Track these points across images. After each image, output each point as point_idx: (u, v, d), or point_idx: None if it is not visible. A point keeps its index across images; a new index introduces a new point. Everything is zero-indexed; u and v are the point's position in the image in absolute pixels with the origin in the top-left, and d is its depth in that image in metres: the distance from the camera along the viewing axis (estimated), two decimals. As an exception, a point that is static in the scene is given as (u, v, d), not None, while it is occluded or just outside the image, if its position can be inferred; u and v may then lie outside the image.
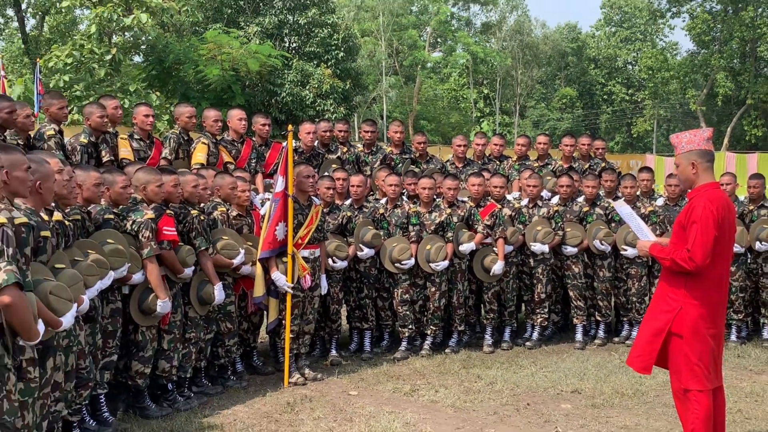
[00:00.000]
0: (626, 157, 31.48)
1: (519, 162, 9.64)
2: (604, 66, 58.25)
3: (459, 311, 8.19)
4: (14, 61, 31.40)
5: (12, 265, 3.46)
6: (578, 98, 56.56)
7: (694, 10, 43.30)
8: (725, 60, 41.83)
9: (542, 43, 53.11)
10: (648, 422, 5.84)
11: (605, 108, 57.60)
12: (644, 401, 6.40)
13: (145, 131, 7.58)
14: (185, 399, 6.28)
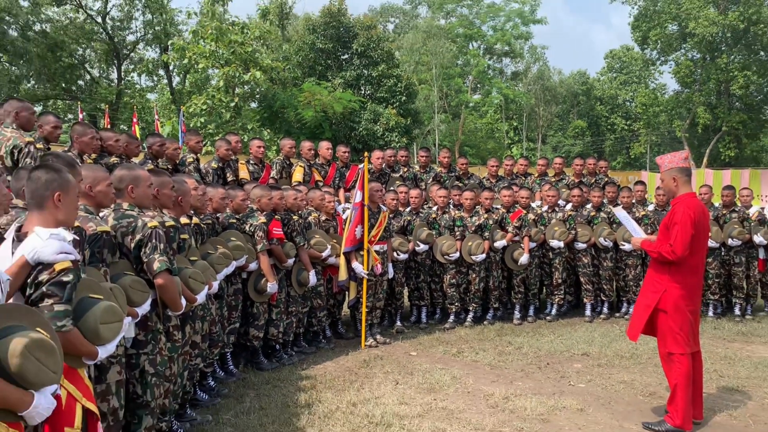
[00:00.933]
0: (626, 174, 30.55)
1: (540, 178, 9.48)
2: (608, 103, 56.71)
3: (494, 292, 8.09)
4: (164, 107, 32.32)
5: (164, 256, 3.58)
6: (587, 128, 55.18)
7: (678, 59, 41.91)
8: (704, 96, 40.30)
9: (559, 86, 52.01)
10: (642, 378, 5.67)
11: (609, 135, 56.07)
12: (639, 362, 6.22)
13: (258, 158, 7.71)
14: (288, 356, 6.35)
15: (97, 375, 3.09)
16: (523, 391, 5.31)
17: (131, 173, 3.63)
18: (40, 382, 1.95)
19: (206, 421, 4.64)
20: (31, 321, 2.05)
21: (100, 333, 2.52)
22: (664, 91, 53.55)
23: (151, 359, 3.62)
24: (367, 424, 4.54)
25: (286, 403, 5.03)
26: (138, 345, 3.55)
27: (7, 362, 1.88)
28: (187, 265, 4.17)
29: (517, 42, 48.30)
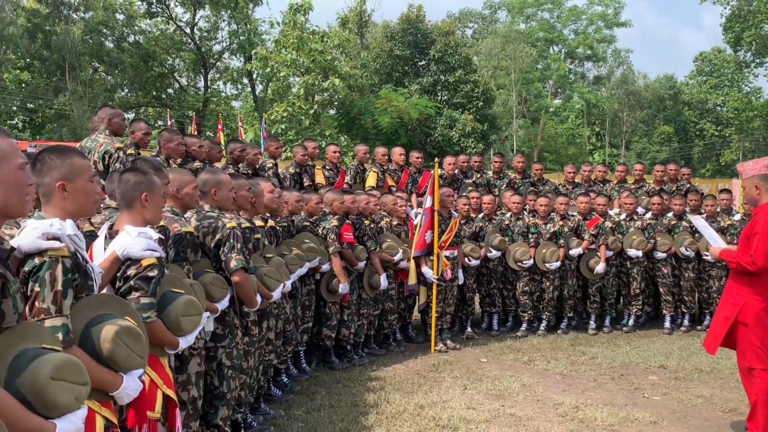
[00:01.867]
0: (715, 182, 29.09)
1: (618, 185, 9.25)
2: (697, 108, 54.30)
3: (569, 301, 7.97)
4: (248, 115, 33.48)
5: (240, 255, 3.78)
6: (674, 134, 52.99)
7: (775, 60, 39.62)
8: (804, 100, 37.93)
9: (644, 90, 50.26)
10: (722, 393, 5.45)
11: (697, 142, 53.66)
12: (719, 377, 5.98)
13: (334, 163, 7.92)
14: (359, 357, 6.49)
15: (179, 366, 3.31)
16: (594, 401, 5.22)
17: (215, 177, 3.86)
18: (128, 366, 2.14)
19: (278, 416, 4.83)
20: (121, 310, 2.25)
21: (181, 325, 2.72)
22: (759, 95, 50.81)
23: (228, 352, 3.83)
24: (433, 426, 4.60)
25: (355, 402, 5.16)
26: (216, 338, 3.76)
27: (100, 347, 2.08)
28: (262, 263, 4.37)
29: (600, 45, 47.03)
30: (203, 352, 3.55)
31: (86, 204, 2.26)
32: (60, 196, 2.17)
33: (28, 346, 1.75)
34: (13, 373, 1.68)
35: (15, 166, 1.81)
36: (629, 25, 46.18)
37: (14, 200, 1.80)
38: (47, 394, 1.67)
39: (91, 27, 30.17)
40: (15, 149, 1.83)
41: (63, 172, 2.17)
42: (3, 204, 1.76)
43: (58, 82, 30.05)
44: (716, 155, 52.63)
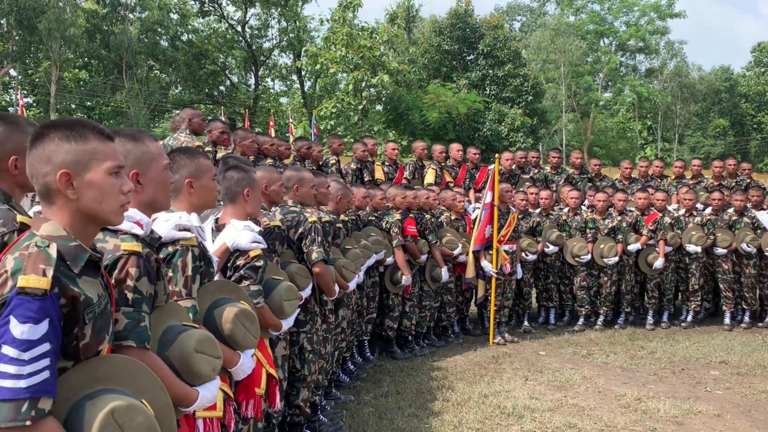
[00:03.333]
0: (774, 176, 28.37)
1: (676, 180, 9.20)
2: (754, 100, 52.57)
3: (627, 297, 8.00)
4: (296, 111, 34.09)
5: (321, 248, 4.03)
6: (730, 128, 51.49)
7: (840, 50, 38.11)
8: None
9: (698, 83, 48.95)
10: (787, 390, 5.48)
11: (755, 135, 51.98)
12: (784, 373, 5.98)
13: (392, 159, 8.14)
14: (420, 348, 6.71)
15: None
16: (656, 394, 5.31)
17: (298, 174, 4.12)
18: (245, 344, 2.40)
19: (348, 400, 5.09)
20: (236, 295, 2.51)
21: (284, 308, 2.98)
22: (822, 87, 48.90)
23: (309, 337, 4.08)
24: (498, 414, 4.78)
25: (420, 390, 5.37)
26: (299, 324, 4.01)
27: (222, 326, 2.34)
28: (340, 255, 4.62)
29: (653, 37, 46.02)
30: (288, 337, 3.81)
31: (209, 199, 2.52)
32: (187, 191, 2.44)
33: (173, 323, 2.01)
34: (162, 345, 1.94)
35: (162, 166, 2.07)
36: (683, 16, 45.10)
37: (161, 197, 2.06)
38: (192, 364, 1.93)
39: (147, 26, 31.16)
40: (161, 151, 2.09)
41: (191, 170, 2.44)
42: (152, 199, 2.03)
43: (115, 80, 31.19)
44: (774, 149, 50.88)
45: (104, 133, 1.65)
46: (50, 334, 1.41)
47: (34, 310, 1.40)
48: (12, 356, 1.36)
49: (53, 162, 1.57)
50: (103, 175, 1.61)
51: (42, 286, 1.42)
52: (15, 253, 1.47)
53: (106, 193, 1.61)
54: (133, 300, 1.79)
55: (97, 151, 1.61)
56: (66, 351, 1.50)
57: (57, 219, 1.58)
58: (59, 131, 1.59)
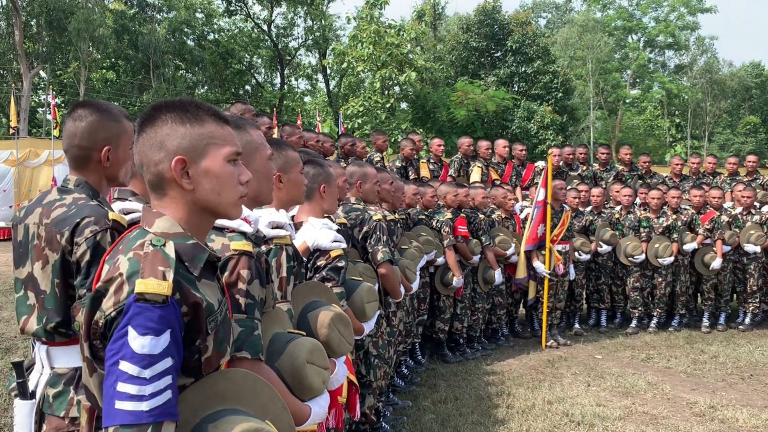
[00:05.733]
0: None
1: (730, 177, 8.87)
2: (787, 96, 51.50)
3: (681, 298, 7.71)
4: (320, 110, 33.99)
5: (386, 248, 3.85)
6: (761, 124, 50.34)
7: None
8: None
9: (729, 79, 47.96)
10: None
11: (787, 133, 50.87)
12: None
13: (438, 156, 7.94)
14: (472, 351, 6.50)
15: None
16: (729, 402, 5.04)
17: (361, 170, 3.94)
18: (340, 351, 2.22)
19: (407, 406, 4.90)
20: (328, 297, 2.33)
21: (366, 311, 2.80)
22: None
23: (374, 342, 3.90)
24: (567, 422, 4.56)
25: (479, 396, 5.16)
26: (365, 328, 3.84)
27: (317, 331, 2.16)
28: (399, 255, 4.43)
29: (683, 33, 45.18)
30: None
31: (297, 194, 2.34)
32: (276, 186, 2.26)
33: (278, 330, 1.84)
34: (271, 355, 1.76)
35: (266, 156, 1.90)
36: (714, 11, 44.11)
37: (265, 189, 1.88)
38: (304, 377, 1.75)
39: (174, 26, 31.29)
40: (264, 140, 1.92)
41: (279, 163, 2.26)
42: (257, 192, 1.85)
43: (142, 80, 31.35)
44: (809, 147, 49.69)
45: (220, 116, 1.47)
46: (172, 348, 1.23)
47: (155, 320, 1.22)
48: (132, 374, 1.18)
49: (167, 147, 1.39)
50: (221, 163, 1.42)
51: (163, 292, 1.23)
52: (128, 254, 1.29)
53: (225, 183, 1.42)
54: (245, 306, 1.61)
55: (215, 135, 1.43)
56: (187, 366, 1.31)
57: (170, 213, 1.40)
58: (173, 113, 1.41)
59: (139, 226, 1.41)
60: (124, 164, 2.01)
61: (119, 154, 1.98)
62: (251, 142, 1.85)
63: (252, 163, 1.83)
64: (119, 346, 1.20)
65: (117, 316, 1.23)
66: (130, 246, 1.32)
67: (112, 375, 1.19)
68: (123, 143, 2.00)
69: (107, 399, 1.19)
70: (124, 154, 2.00)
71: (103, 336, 1.25)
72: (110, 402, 1.18)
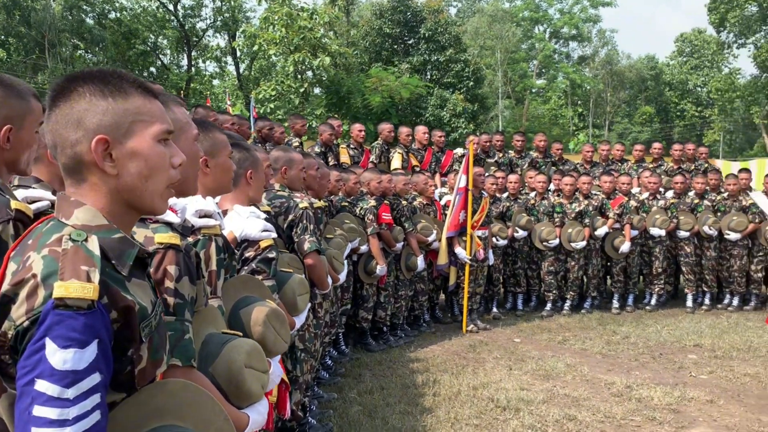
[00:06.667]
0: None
1: (637, 164, 9.26)
2: (677, 88, 54.81)
3: (593, 281, 7.99)
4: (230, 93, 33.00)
5: (313, 237, 3.68)
6: (655, 114, 53.55)
7: (759, 41, 40.10)
8: (786, 81, 38.53)
9: (627, 71, 50.58)
10: (766, 371, 5.50)
11: (678, 122, 54.26)
12: (758, 355, 6.04)
13: (358, 142, 7.81)
14: (395, 339, 6.45)
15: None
16: (643, 381, 5.24)
17: (286, 155, 3.74)
18: (276, 350, 2.05)
19: (332, 398, 4.77)
20: (261, 292, 2.16)
21: (298, 304, 2.64)
22: (739, 76, 51.40)
23: (300, 335, 3.73)
24: (493, 407, 4.58)
25: (405, 384, 5.11)
26: (292, 321, 3.67)
27: (251, 329, 1.98)
28: (326, 245, 4.28)
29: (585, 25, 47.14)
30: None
31: (226, 180, 2.15)
32: (201, 172, 2.05)
33: (211, 331, 1.65)
34: (204, 360, 1.58)
35: (192, 137, 1.70)
36: (614, 5, 46.32)
37: (192, 174, 1.68)
38: (243, 382, 1.58)
39: (71, 3, 29.36)
40: (189, 119, 1.72)
41: (206, 146, 2.05)
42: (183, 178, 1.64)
43: (37, 59, 29.28)
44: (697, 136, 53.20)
45: (148, 89, 1.27)
46: (100, 361, 1.04)
47: (79, 330, 1.02)
48: (52, 395, 0.98)
49: (86, 125, 1.18)
50: (150, 143, 1.23)
51: (87, 296, 1.03)
52: (42, 251, 1.08)
53: (155, 167, 1.23)
54: (174, 306, 1.43)
55: (142, 110, 1.23)
56: (117, 380, 1.12)
57: (90, 202, 1.19)
58: (92, 84, 1.20)
59: (52, 217, 1.19)
60: (28, 149, 1.74)
61: (23, 136, 1.71)
62: (176, 120, 1.64)
63: (176, 144, 1.62)
64: (35, 362, 1.00)
65: (31, 327, 1.02)
66: (44, 241, 1.10)
67: (26, 397, 0.99)
68: (28, 124, 1.73)
69: (20, 425, 0.99)
70: (29, 136, 1.73)
71: (14, 350, 1.04)
72: (24, 428, 0.98)
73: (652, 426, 4.29)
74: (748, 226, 7.87)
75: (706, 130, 50.97)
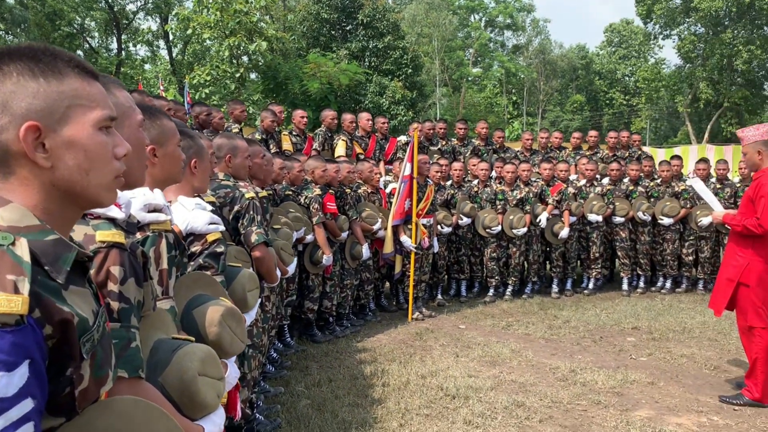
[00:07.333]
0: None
1: (574, 151, 9.44)
2: (607, 78, 56.56)
3: (534, 266, 8.11)
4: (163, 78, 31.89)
5: (260, 228, 3.53)
6: (586, 103, 55.11)
7: (682, 33, 41.76)
8: (707, 72, 40.23)
9: (559, 60, 51.76)
10: (701, 352, 5.70)
11: (607, 110, 56.02)
12: (692, 336, 6.25)
13: (301, 129, 7.62)
14: (341, 329, 6.35)
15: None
16: (587, 365, 5.33)
17: (231, 143, 3.56)
18: (232, 350, 1.92)
19: (279, 392, 4.64)
20: (214, 290, 2.01)
21: (248, 301, 2.49)
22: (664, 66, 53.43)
23: (248, 330, 3.58)
24: (443, 396, 4.55)
25: (353, 375, 5.02)
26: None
27: (206, 330, 1.84)
28: (274, 236, 4.12)
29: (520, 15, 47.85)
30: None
31: (175, 170, 1.99)
32: (149, 162, 1.88)
33: (160, 336, 1.50)
34: (153, 368, 1.43)
35: (136, 123, 1.53)
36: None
37: (136, 163, 1.52)
38: (196, 392, 1.44)
39: (-12, -20, 27.59)
40: (133, 104, 1.55)
41: (154, 134, 1.89)
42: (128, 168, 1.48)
43: (-50, 40, 27.45)
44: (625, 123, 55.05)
45: (86, 68, 1.11)
46: (32, 384, 0.88)
47: (6, 350, 0.86)
48: None
49: (13, 110, 1.01)
50: (90, 131, 1.07)
51: (15, 310, 0.88)
52: None
53: (96, 158, 1.08)
54: (119, 312, 1.27)
55: (80, 93, 1.08)
56: (55, 403, 0.97)
57: (19, 199, 1.03)
58: (20, 63, 1.04)
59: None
60: None
61: None
62: (118, 105, 1.48)
63: (120, 132, 1.46)
64: None
65: None
66: None
67: None
68: None
69: None
70: None
71: None
72: None
73: (598, 409, 4.35)
74: (680, 211, 8.14)
75: (634, 118, 52.80)
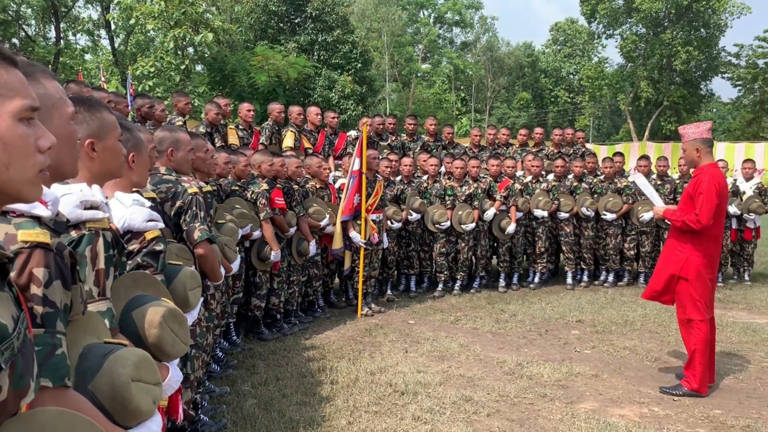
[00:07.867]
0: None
1: (520, 148, 9.57)
2: (552, 75, 57.76)
3: (481, 261, 8.18)
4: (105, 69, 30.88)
5: (204, 225, 3.42)
6: (532, 100, 56.16)
7: (624, 33, 43.01)
8: (648, 71, 41.61)
9: (507, 57, 52.56)
10: (642, 344, 5.85)
11: (552, 108, 57.21)
12: (634, 328, 6.42)
13: (248, 123, 7.47)
14: (289, 326, 6.26)
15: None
16: (533, 358, 5.40)
17: (173, 135, 3.43)
18: (174, 353, 1.83)
19: (225, 392, 4.53)
20: (156, 290, 1.92)
21: (189, 300, 2.40)
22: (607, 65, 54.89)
23: (191, 330, 3.47)
24: (392, 392, 4.53)
25: (301, 373, 4.95)
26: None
27: (145, 333, 1.75)
28: (217, 232, 4.01)
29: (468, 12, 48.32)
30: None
31: (115, 165, 1.88)
32: (87, 156, 1.78)
33: (90, 341, 1.42)
34: (82, 376, 1.34)
35: (67, 115, 1.44)
36: (495, -7, 47.70)
37: (67, 157, 1.42)
38: (130, 399, 1.36)
39: None
40: (64, 95, 1.45)
41: (92, 127, 1.79)
42: (57, 162, 1.38)
43: None
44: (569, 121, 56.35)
45: (5, 55, 1.03)
46: None
47: None
48: None
49: None
50: (10, 122, 1.00)
51: None
52: None
53: (17, 152, 1.00)
54: (43, 316, 1.19)
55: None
56: None
57: None
58: None
59: None
60: None
61: None
62: (47, 96, 1.38)
63: (48, 124, 1.36)
64: None
65: None
66: None
67: None
68: None
69: None
70: None
71: None
72: None
73: (544, 402, 4.41)
74: (623, 207, 8.35)
75: (578, 115, 54.11)
